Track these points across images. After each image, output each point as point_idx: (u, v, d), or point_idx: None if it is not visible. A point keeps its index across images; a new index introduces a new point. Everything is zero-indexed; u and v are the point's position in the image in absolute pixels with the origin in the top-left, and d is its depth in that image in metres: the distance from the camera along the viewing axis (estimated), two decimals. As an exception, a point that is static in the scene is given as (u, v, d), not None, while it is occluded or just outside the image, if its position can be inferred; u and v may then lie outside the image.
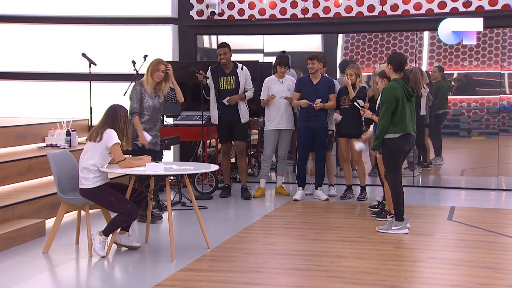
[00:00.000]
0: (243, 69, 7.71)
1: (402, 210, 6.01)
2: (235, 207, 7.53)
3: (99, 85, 8.63)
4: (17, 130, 7.29)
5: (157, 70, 6.23)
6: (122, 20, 9.37)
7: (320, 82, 7.51)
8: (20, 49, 9.65)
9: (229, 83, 7.64)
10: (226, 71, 7.67)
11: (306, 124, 7.54)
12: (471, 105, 9.13)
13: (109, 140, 5.21)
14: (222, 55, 7.58)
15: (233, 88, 7.64)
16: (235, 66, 7.70)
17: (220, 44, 7.72)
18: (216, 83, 7.66)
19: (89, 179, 5.24)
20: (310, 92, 7.49)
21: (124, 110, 5.39)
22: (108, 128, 5.24)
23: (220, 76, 7.66)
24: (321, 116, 7.50)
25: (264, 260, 5.17)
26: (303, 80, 7.62)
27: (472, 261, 5.12)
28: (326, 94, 7.49)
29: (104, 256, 5.22)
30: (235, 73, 7.66)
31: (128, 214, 5.21)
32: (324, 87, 7.49)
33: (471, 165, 9.51)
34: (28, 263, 5.12)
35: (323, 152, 7.59)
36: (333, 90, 7.50)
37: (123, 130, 5.28)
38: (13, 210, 5.89)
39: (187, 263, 5.04)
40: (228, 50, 7.60)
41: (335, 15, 8.91)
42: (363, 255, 5.25)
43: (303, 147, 7.59)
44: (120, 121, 5.27)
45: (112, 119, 5.27)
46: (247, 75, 7.72)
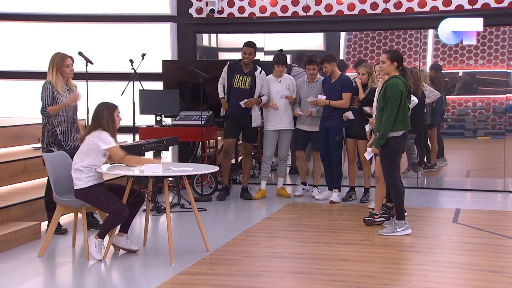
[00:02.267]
0: (261, 73, 7.72)
1: (403, 208, 6.02)
2: (235, 209, 7.52)
3: (96, 85, 8.62)
4: (11, 131, 7.29)
5: (66, 66, 6.09)
6: (120, 18, 9.37)
7: (336, 81, 7.53)
8: (15, 47, 9.64)
9: (244, 82, 7.65)
10: (244, 70, 7.69)
11: (322, 124, 7.61)
12: (476, 105, 9.12)
13: (105, 143, 5.22)
14: (247, 55, 7.61)
15: (247, 88, 7.66)
16: (255, 68, 7.71)
17: (248, 43, 7.70)
18: (230, 80, 7.66)
19: (81, 179, 5.25)
20: (327, 91, 7.55)
21: (109, 106, 5.38)
22: (97, 130, 5.26)
23: (236, 73, 7.67)
24: (333, 116, 7.50)
25: (265, 263, 5.17)
26: (325, 80, 7.67)
27: (477, 265, 5.11)
28: (340, 93, 7.49)
29: (101, 259, 5.21)
30: (252, 75, 7.67)
31: (117, 214, 5.20)
32: (339, 86, 7.50)
33: (476, 166, 9.50)
34: (24, 266, 5.11)
35: (335, 152, 7.58)
36: (346, 89, 7.48)
37: (108, 127, 5.29)
38: (8, 213, 5.89)
39: (186, 266, 5.03)
40: (253, 51, 7.64)
41: (338, 13, 8.90)
42: (366, 258, 5.24)
43: (322, 148, 7.62)
44: (103, 120, 5.30)
45: (97, 120, 5.32)
46: (264, 79, 7.73)
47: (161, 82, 8.90)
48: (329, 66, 7.44)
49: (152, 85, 8.73)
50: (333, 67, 7.48)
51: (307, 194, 7.96)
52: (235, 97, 7.67)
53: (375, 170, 6.51)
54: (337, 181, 7.63)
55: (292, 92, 7.78)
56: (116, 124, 5.37)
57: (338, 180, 7.62)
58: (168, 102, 8.18)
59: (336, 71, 7.52)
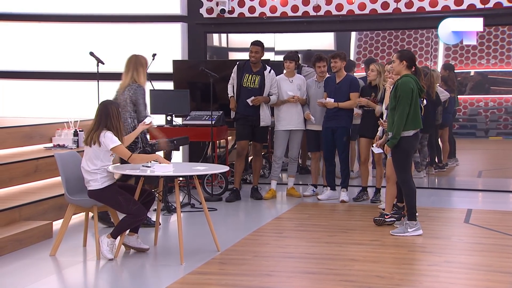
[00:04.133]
0: (270, 72, 7.72)
1: (415, 208, 6.01)
2: (245, 209, 7.53)
3: (107, 84, 8.67)
4: (23, 130, 7.34)
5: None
6: (131, 18, 9.41)
7: (342, 81, 7.51)
8: (27, 48, 9.71)
9: (253, 81, 7.66)
10: (253, 69, 7.69)
11: (326, 124, 7.58)
12: (488, 105, 9.08)
13: (109, 143, 5.18)
14: (254, 53, 7.61)
15: (256, 87, 7.66)
16: (264, 67, 7.72)
17: (255, 41, 7.72)
18: (239, 79, 7.68)
19: (97, 180, 5.26)
20: (331, 91, 7.51)
21: (116, 105, 5.35)
22: (103, 130, 5.22)
23: (245, 73, 7.68)
24: (340, 116, 7.49)
25: (275, 263, 5.17)
26: (329, 80, 7.64)
27: (489, 266, 5.09)
28: (347, 93, 7.48)
29: (112, 259, 5.24)
30: (262, 74, 7.68)
31: (136, 215, 5.22)
32: (345, 86, 7.48)
33: (488, 167, 9.45)
34: (35, 265, 5.15)
35: (343, 153, 7.58)
36: (354, 89, 7.47)
37: (116, 127, 5.25)
38: (20, 212, 5.94)
39: (196, 266, 5.04)
40: (260, 50, 7.64)
41: (348, 12, 8.89)
42: (376, 259, 5.23)
43: (325, 147, 7.61)
44: (113, 119, 5.24)
45: (105, 119, 5.24)
46: (273, 79, 7.73)
47: (171, 82, 8.93)
48: (339, 62, 7.42)
49: (163, 85, 8.75)
50: (342, 65, 7.47)
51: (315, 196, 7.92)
52: (245, 97, 7.68)
53: (386, 169, 6.50)
54: (345, 181, 7.63)
55: (303, 93, 7.77)
56: (123, 124, 5.37)
57: (346, 179, 7.62)
58: (178, 102, 8.21)
59: (343, 70, 7.51)
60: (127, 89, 6.19)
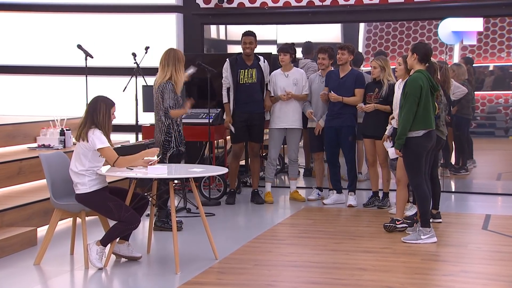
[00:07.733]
0: (265, 62, 7.78)
1: (429, 214, 6.02)
2: (245, 214, 7.55)
3: (96, 80, 8.69)
4: (5, 130, 7.35)
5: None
6: (122, 8, 9.43)
7: (346, 75, 7.51)
8: (9, 40, 9.73)
9: (250, 76, 7.68)
10: (247, 63, 7.71)
11: (329, 123, 7.58)
12: (508, 102, 9.09)
13: (97, 143, 5.20)
14: (248, 44, 7.63)
15: (254, 82, 7.69)
16: (257, 59, 7.75)
17: (247, 32, 7.74)
18: (235, 77, 7.69)
19: (84, 183, 5.27)
20: (334, 86, 7.51)
21: (108, 103, 5.34)
22: (91, 126, 5.24)
23: (240, 69, 7.69)
24: (344, 114, 7.48)
25: (277, 272, 5.19)
26: (331, 73, 7.63)
27: (509, 276, 5.10)
28: (351, 89, 7.48)
29: (102, 268, 5.25)
30: (257, 66, 7.72)
31: (128, 223, 5.23)
32: (350, 81, 7.48)
33: (508, 169, 9.46)
34: (19, 275, 5.16)
35: (349, 153, 7.59)
36: (359, 85, 7.47)
37: (103, 125, 5.25)
38: (2, 218, 5.95)
39: (193, 275, 5.05)
40: (254, 40, 7.67)
41: (356, 2, 8.90)
42: (387, 268, 5.25)
43: (328, 148, 7.62)
44: (99, 116, 5.25)
45: (92, 114, 5.27)
46: (267, 69, 7.79)
47: (165, 77, 8.95)
48: (347, 55, 7.43)
49: (156, 80, 8.77)
50: (349, 58, 7.47)
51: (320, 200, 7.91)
52: (244, 93, 7.68)
53: (396, 172, 6.51)
54: (352, 184, 7.64)
55: (301, 88, 7.76)
56: (111, 123, 5.37)
57: (353, 182, 7.63)
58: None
59: (348, 64, 7.52)
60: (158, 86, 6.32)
